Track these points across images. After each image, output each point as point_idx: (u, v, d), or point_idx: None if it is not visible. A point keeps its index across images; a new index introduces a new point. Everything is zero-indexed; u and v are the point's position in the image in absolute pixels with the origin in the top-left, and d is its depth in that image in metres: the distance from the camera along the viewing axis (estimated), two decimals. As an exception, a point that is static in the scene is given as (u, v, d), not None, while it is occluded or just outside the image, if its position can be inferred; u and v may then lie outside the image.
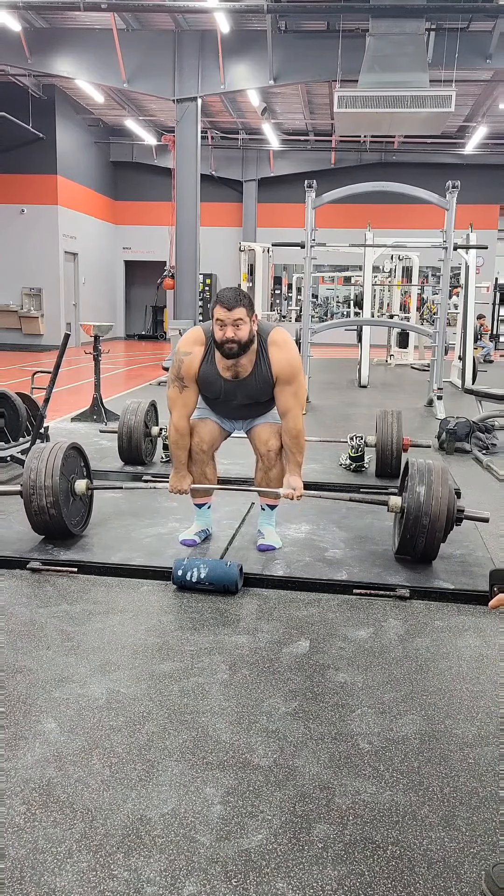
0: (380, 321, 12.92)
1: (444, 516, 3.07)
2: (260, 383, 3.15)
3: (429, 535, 3.09)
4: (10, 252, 16.09)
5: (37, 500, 3.23)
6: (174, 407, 3.22)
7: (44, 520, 3.27)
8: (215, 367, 3.13)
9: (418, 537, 3.11)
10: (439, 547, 3.18)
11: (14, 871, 1.53)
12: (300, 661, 2.42)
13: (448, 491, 3.10)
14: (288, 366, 3.12)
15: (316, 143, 18.24)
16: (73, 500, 3.42)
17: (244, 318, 2.98)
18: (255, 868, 1.55)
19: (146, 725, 2.04)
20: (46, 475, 3.21)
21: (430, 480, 3.10)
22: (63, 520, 3.27)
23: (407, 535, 3.14)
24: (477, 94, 14.43)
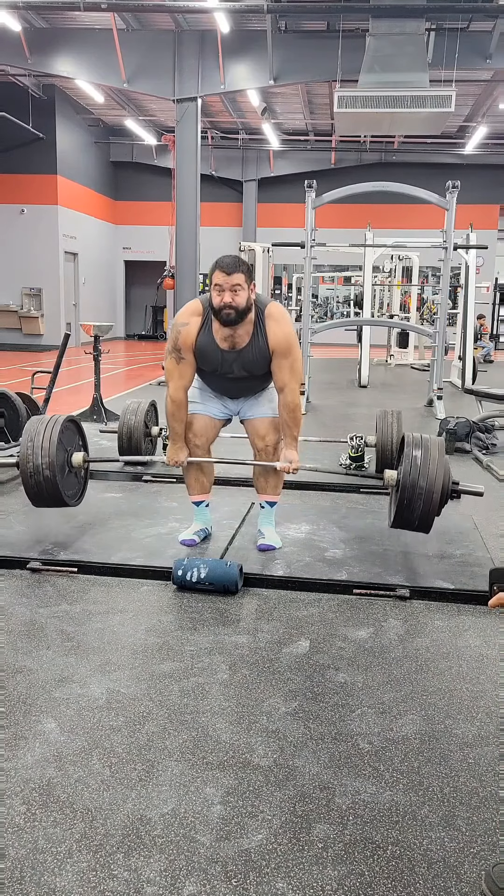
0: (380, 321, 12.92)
1: (441, 482, 3.04)
2: (257, 355, 3.13)
3: (425, 500, 3.05)
4: (10, 252, 16.09)
5: (33, 467, 3.22)
6: (171, 378, 3.21)
7: (38, 484, 3.24)
8: (212, 337, 3.12)
9: (415, 502, 3.07)
10: (435, 517, 3.15)
11: (14, 871, 1.53)
12: (300, 661, 2.42)
13: (443, 459, 3.09)
14: (284, 339, 3.12)
15: (316, 143, 18.24)
16: (69, 472, 3.42)
17: (242, 285, 2.98)
18: (255, 868, 1.55)
19: (146, 725, 2.04)
20: (43, 445, 3.22)
21: (426, 446, 3.10)
22: (58, 488, 3.26)
23: (404, 502, 3.10)
24: (477, 94, 14.42)
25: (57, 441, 3.24)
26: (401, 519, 3.17)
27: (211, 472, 3.48)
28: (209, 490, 3.50)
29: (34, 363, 12.22)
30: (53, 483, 3.24)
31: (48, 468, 3.21)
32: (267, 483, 3.41)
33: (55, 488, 3.26)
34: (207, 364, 3.20)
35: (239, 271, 2.97)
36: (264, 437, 3.30)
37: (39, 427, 3.28)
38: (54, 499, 3.31)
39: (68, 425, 3.40)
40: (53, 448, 3.21)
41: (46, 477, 3.23)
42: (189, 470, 3.42)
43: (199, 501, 3.49)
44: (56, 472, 3.23)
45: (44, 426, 3.28)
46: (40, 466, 3.21)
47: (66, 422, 3.38)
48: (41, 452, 3.20)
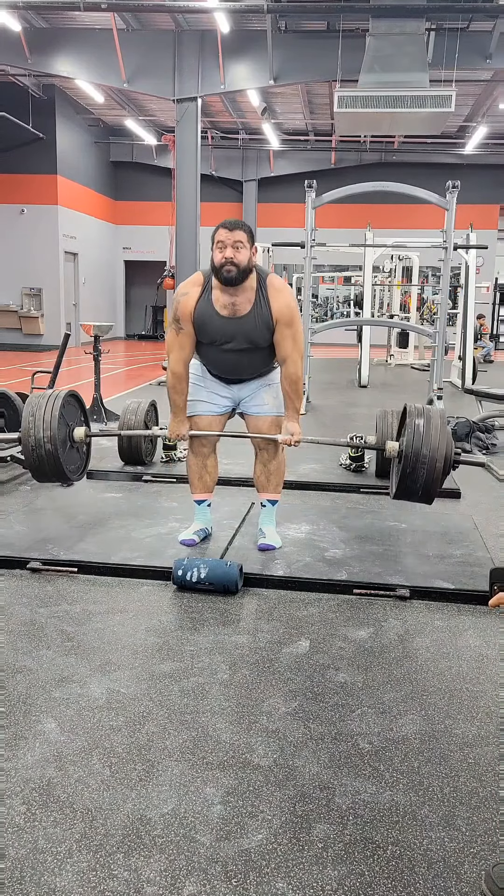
0: (380, 321, 12.92)
1: (443, 451, 3.02)
2: (259, 323, 3.09)
3: (429, 468, 3.03)
4: (10, 252, 16.09)
5: (34, 440, 3.20)
6: (171, 350, 3.19)
7: (40, 458, 3.22)
8: (212, 305, 3.09)
9: (418, 471, 3.04)
10: (437, 487, 3.12)
11: (14, 870, 1.53)
12: (300, 661, 2.42)
13: (445, 429, 3.08)
14: (287, 308, 3.11)
15: (316, 143, 18.23)
16: (70, 447, 3.41)
17: (244, 242, 2.97)
18: (255, 868, 1.55)
19: (146, 725, 2.04)
20: (45, 419, 3.21)
21: (428, 416, 3.09)
22: (60, 462, 3.25)
23: (406, 471, 3.08)
24: (477, 94, 14.42)
25: (59, 415, 3.21)
26: (403, 489, 3.13)
27: (215, 471, 3.48)
28: (212, 490, 3.50)
29: (34, 363, 12.22)
30: (55, 457, 3.21)
31: (49, 442, 3.18)
32: (268, 481, 3.41)
33: (57, 462, 3.23)
34: (206, 334, 3.14)
35: (241, 230, 2.98)
36: (266, 434, 3.30)
37: (41, 401, 3.25)
38: (56, 473, 3.28)
39: (70, 400, 3.39)
40: (55, 422, 3.19)
41: (48, 451, 3.20)
42: (193, 467, 3.41)
43: (200, 500, 3.49)
44: (58, 447, 3.21)
45: (45, 400, 3.26)
46: (42, 440, 3.19)
47: (68, 396, 3.36)
48: (42, 426, 3.18)
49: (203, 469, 3.42)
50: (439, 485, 3.11)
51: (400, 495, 3.18)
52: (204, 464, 3.41)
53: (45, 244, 15.99)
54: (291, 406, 3.22)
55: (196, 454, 3.39)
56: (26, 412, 3.26)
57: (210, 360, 3.28)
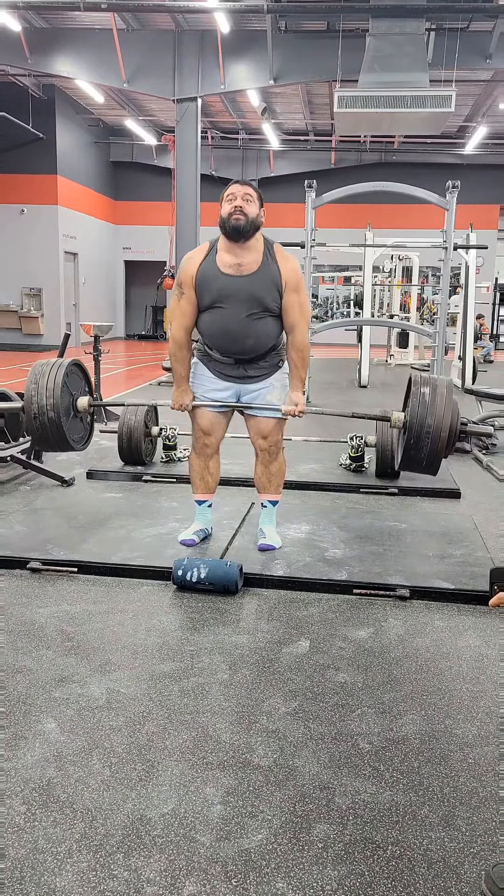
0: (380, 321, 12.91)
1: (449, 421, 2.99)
2: (267, 282, 3.05)
3: (433, 439, 2.99)
4: (10, 252, 16.09)
5: (37, 408, 3.17)
6: (173, 318, 3.18)
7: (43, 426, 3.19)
8: (215, 265, 3.06)
9: (423, 441, 3.00)
10: (442, 457, 3.07)
11: (14, 871, 1.53)
12: (300, 661, 2.42)
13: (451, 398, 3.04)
14: (295, 273, 3.11)
15: (316, 143, 18.24)
16: (74, 415, 3.37)
17: (253, 197, 3.02)
18: (255, 868, 1.55)
19: (146, 725, 2.04)
20: (48, 387, 3.18)
21: (434, 385, 3.06)
22: (63, 430, 3.22)
23: (411, 441, 3.04)
24: (477, 94, 14.43)
25: (62, 384, 3.17)
26: (408, 459, 3.08)
27: (217, 472, 3.47)
28: (214, 490, 3.49)
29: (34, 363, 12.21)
30: (58, 424, 3.17)
31: (52, 410, 3.14)
32: (269, 483, 3.41)
33: (60, 430, 3.19)
34: (209, 292, 3.06)
35: (251, 186, 3.03)
36: (267, 436, 3.29)
37: (44, 369, 3.21)
38: (59, 442, 3.24)
39: (73, 369, 3.34)
40: (58, 390, 3.14)
41: (51, 419, 3.15)
42: (195, 468, 3.41)
43: (202, 501, 3.48)
44: (61, 414, 3.16)
45: (48, 368, 3.22)
46: (45, 408, 3.15)
47: (72, 365, 3.31)
48: (46, 393, 3.13)
49: (205, 470, 3.41)
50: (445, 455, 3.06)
51: (405, 466, 3.11)
52: (206, 465, 3.40)
53: (45, 244, 15.99)
54: (297, 375, 3.20)
55: (199, 455, 3.38)
56: (29, 380, 3.20)
57: (215, 328, 3.13)
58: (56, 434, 3.19)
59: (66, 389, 3.23)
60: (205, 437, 3.32)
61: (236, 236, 3.00)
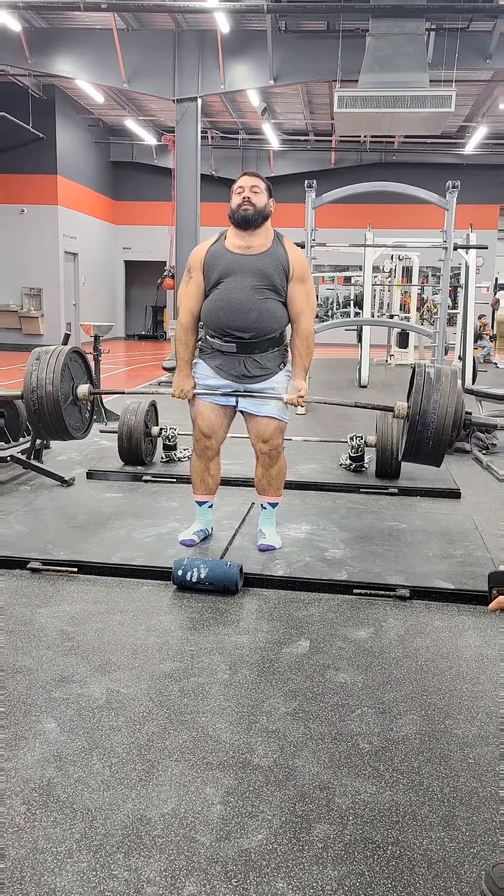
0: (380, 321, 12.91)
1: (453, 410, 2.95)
2: (274, 262, 3.10)
3: (437, 427, 2.96)
4: (10, 252, 16.08)
5: (37, 396, 3.14)
6: (181, 302, 3.22)
7: (41, 413, 3.17)
8: (224, 246, 3.12)
9: (427, 429, 2.96)
10: (446, 447, 3.04)
11: (14, 870, 1.53)
12: (300, 661, 2.42)
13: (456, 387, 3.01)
14: (302, 261, 3.17)
15: (316, 143, 18.23)
16: (73, 402, 3.35)
17: (262, 189, 3.08)
18: (255, 868, 1.55)
19: (146, 725, 2.04)
20: (47, 374, 3.15)
21: (439, 370, 3.03)
22: (62, 418, 3.20)
23: (415, 431, 3.00)
24: (477, 94, 14.42)
25: (61, 371, 3.15)
26: (411, 449, 3.04)
27: (217, 473, 3.47)
28: (214, 491, 3.48)
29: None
30: (58, 417, 3.15)
31: (53, 405, 3.12)
32: (269, 485, 3.40)
33: (60, 421, 3.17)
34: (218, 269, 3.09)
35: (260, 178, 3.11)
36: (268, 440, 3.27)
37: (43, 356, 3.19)
38: (59, 429, 3.22)
39: (74, 356, 3.32)
40: (58, 377, 3.12)
41: (50, 404, 3.13)
42: (196, 469, 3.41)
43: (202, 501, 3.48)
44: (60, 401, 3.15)
45: (48, 355, 3.19)
46: (44, 402, 3.13)
47: (72, 353, 3.28)
48: (45, 379, 3.11)
49: (206, 472, 3.41)
50: (449, 446, 3.02)
51: (408, 456, 3.08)
52: (207, 466, 3.40)
53: (45, 244, 15.98)
54: (300, 364, 3.21)
55: (200, 456, 3.38)
56: (29, 366, 3.18)
57: (216, 305, 3.11)
58: (55, 421, 3.17)
59: (66, 375, 3.21)
60: (205, 439, 3.31)
61: (245, 225, 3.06)
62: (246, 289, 3.07)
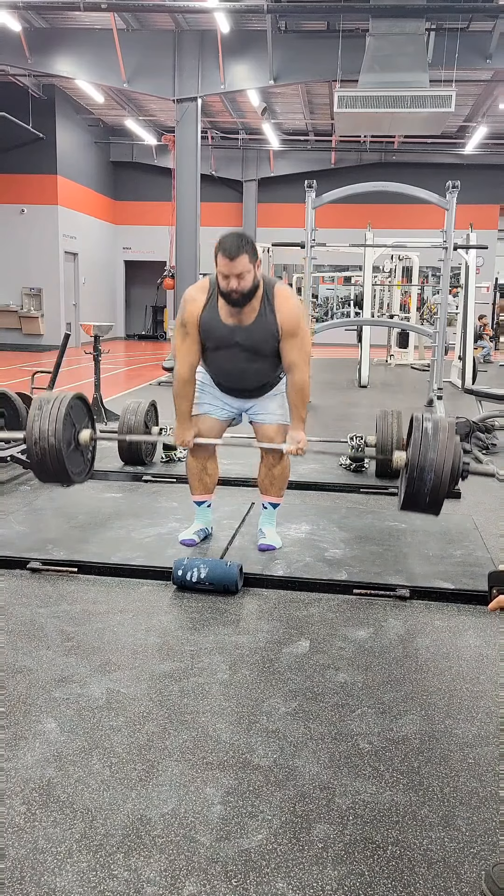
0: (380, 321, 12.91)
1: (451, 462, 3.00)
2: (264, 332, 3.07)
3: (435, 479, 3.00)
4: (10, 252, 16.09)
5: (40, 441, 3.20)
6: (178, 355, 3.18)
7: (44, 458, 3.23)
8: (217, 313, 3.08)
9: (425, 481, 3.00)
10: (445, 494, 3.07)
11: (14, 870, 1.53)
12: (300, 661, 2.42)
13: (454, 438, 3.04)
14: (292, 318, 3.07)
15: (316, 143, 18.24)
16: (75, 447, 3.40)
17: (247, 268, 2.92)
18: (255, 868, 1.55)
19: (146, 725, 2.04)
20: (51, 420, 3.21)
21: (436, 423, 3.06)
22: (64, 463, 3.24)
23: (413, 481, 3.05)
24: (477, 94, 14.42)
25: (65, 416, 3.21)
26: (409, 500, 3.09)
27: (215, 473, 3.48)
28: (212, 490, 3.50)
29: (34, 363, 12.22)
30: (59, 458, 3.20)
31: (54, 442, 3.18)
32: (272, 485, 3.41)
33: (61, 463, 3.22)
34: (212, 339, 3.11)
35: (243, 253, 2.89)
36: (272, 440, 3.29)
37: (47, 402, 3.25)
38: (60, 474, 3.28)
39: (76, 402, 3.39)
40: (61, 423, 3.18)
41: (52, 452, 3.19)
42: (193, 469, 3.41)
43: (201, 501, 3.48)
44: (62, 448, 3.20)
45: (52, 402, 3.25)
46: (46, 441, 3.19)
47: (75, 398, 3.36)
48: (48, 427, 3.17)
49: (203, 471, 3.41)
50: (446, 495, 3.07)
51: (406, 506, 3.16)
52: (204, 466, 3.40)
53: (45, 244, 15.99)
54: (297, 415, 3.18)
55: (196, 457, 3.38)
56: (32, 411, 3.24)
57: (217, 368, 3.25)
58: (57, 467, 3.25)
59: (68, 422, 3.29)
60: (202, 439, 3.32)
61: (236, 307, 3.02)
62: (241, 360, 3.13)
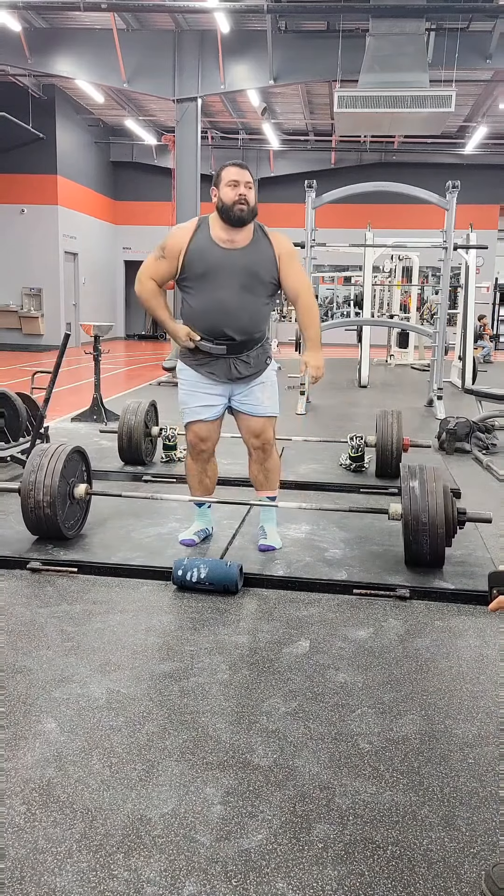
0: (380, 321, 12.92)
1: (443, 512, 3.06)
2: (261, 253, 3.05)
3: (431, 536, 3.08)
4: (10, 252, 16.09)
5: (34, 499, 3.24)
6: (145, 273, 3.10)
7: (38, 518, 3.28)
8: (210, 238, 3.02)
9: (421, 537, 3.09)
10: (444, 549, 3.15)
11: (14, 870, 1.53)
12: (300, 662, 2.42)
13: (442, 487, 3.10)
14: (287, 244, 3.13)
15: (316, 143, 18.25)
16: (70, 504, 3.42)
17: (252, 185, 3.01)
18: (255, 868, 1.55)
19: (146, 725, 2.04)
20: (47, 475, 3.23)
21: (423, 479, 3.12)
22: (57, 521, 3.27)
23: (410, 538, 3.13)
24: (477, 94, 14.43)
25: (59, 476, 3.25)
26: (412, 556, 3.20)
27: (214, 474, 3.48)
28: (212, 491, 3.50)
29: (34, 363, 12.22)
30: (53, 520, 3.28)
31: (49, 507, 3.24)
32: (266, 479, 3.40)
33: (55, 524, 3.29)
34: (203, 263, 3.01)
35: (249, 171, 3.01)
36: (259, 435, 3.29)
37: (42, 465, 3.27)
38: (53, 533, 3.35)
39: (73, 455, 3.41)
40: (55, 484, 3.22)
41: (47, 515, 3.26)
42: (192, 471, 3.41)
43: (201, 503, 3.48)
44: (56, 509, 3.25)
45: (45, 463, 3.28)
46: (41, 506, 3.24)
47: (72, 453, 3.39)
48: (42, 491, 3.23)
49: (203, 473, 3.41)
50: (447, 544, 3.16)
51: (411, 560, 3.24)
52: (203, 468, 3.40)
53: (45, 244, 16.00)
54: (310, 336, 3.21)
55: (196, 459, 3.38)
56: (27, 471, 3.27)
57: (204, 303, 3.06)
58: (49, 521, 3.29)
59: (63, 479, 3.31)
60: (201, 443, 3.32)
61: (239, 225, 2.99)
62: (236, 288, 3.04)
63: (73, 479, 3.42)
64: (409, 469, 3.20)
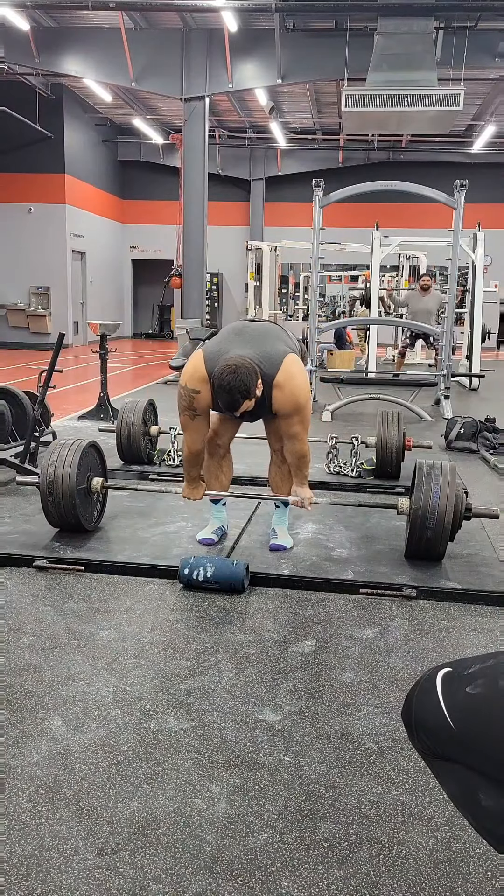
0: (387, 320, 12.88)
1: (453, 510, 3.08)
2: (265, 411, 3.05)
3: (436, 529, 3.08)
4: (17, 251, 16.12)
5: (54, 493, 3.30)
6: (187, 430, 3.12)
7: (59, 513, 3.35)
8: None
9: (426, 530, 3.09)
10: (447, 544, 3.15)
11: (20, 868, 1.53)
12: (306, 661, 2.42)
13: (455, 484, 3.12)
14: (289, 405, 2.97)
15: (323, 141, 18.20)
16: (88, 496, 3.47)
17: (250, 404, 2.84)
18: (260, 867, 1.55)
19: (152, 723, 2.04)
20: (64, 470, 3.29)
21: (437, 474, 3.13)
22: (77, 514, 3.34)
23: (415, 530, 3.12)
24: (485, 93, 14.37)
25: (77, 470, 3.32)
26: (413, 548, 3.22)
27: (230, 470, 3.49)
28: (227, 488, 3.50)
29: (41, 362, 12.24)
30: (74, 513, 3.34)
31: (69, 501, 3.31)
32: (283, 482, 3.42)
33: (75, 517, 3.36)
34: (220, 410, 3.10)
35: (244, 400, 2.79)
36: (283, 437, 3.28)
37: (59, 460, 3.34)
38: (74, 526, 3.42)
39: (88, 450, 3.48)
40: (73, 478, 3.29)
41: (68, 509, 3.33)
42: (209, 468, 3.41)
43: (216, 500, 3.49)
44: (76, 502, 3.32)
45: (63, 458, 3.35)
46: (61, 500, 3.31)
47: (87, 447, 3.45)
48: (61, 486, 3.29)
49: (219, 469, 3.42)
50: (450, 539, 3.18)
51: (410, 554, 3.26)
52: (220, 464, 3.41)
53: (52, 243, 16.02)
54: (299, 475, 3.19)
55: (212, 455, 3.38)
56: (45, 466, 3.34)
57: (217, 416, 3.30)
58: (70, 515, 3.36)
59: (80, 473, 3.37)
60: (216, 437, 3.33)
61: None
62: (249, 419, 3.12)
63: (89, 474, 3.49)
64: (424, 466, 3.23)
